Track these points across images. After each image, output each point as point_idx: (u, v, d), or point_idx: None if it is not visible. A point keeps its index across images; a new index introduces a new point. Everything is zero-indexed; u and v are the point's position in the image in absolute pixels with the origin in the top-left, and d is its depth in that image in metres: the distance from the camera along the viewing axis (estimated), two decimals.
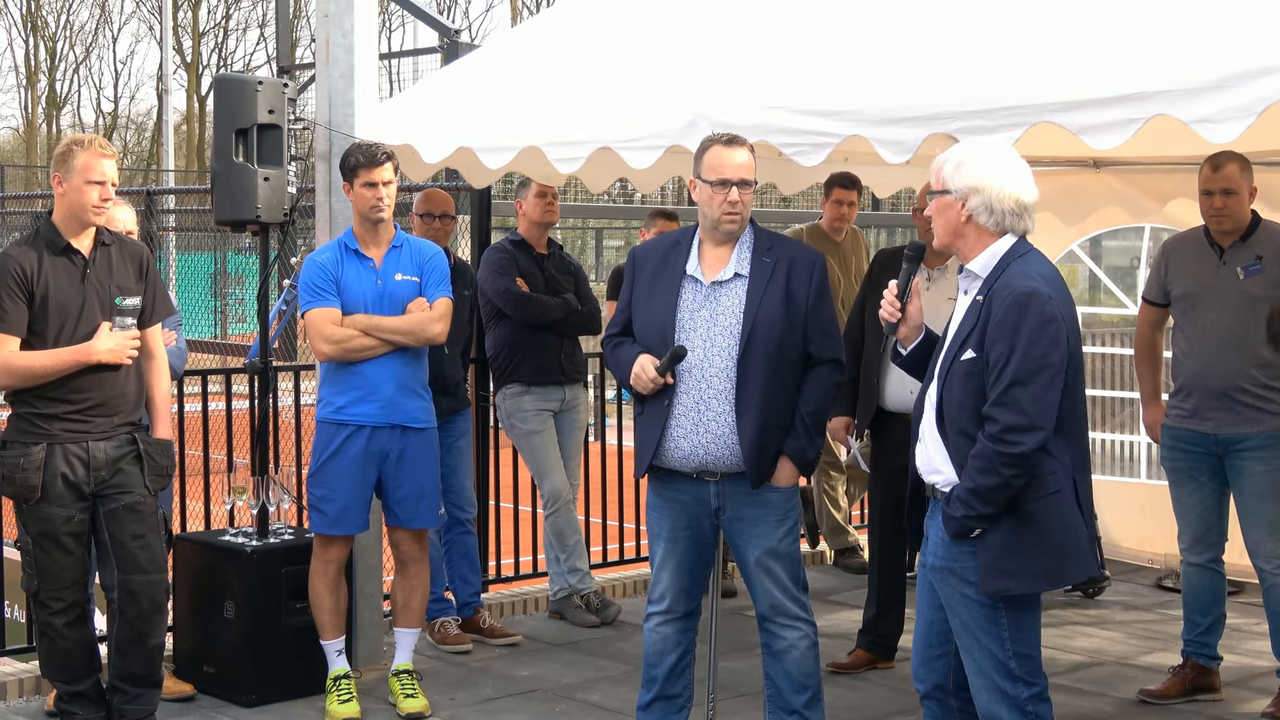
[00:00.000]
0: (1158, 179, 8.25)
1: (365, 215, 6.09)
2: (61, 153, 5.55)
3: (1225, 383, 6.10)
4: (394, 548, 6.30)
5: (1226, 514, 6.30)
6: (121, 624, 5.59)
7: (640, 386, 5.07)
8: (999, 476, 4.14)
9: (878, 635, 6.74)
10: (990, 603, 4.26)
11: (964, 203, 4.30)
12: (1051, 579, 4.28)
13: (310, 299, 6.06)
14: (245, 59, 45.19)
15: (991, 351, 4.18)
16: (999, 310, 4.19)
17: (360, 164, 6.05)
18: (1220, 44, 4.54)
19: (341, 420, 6.07)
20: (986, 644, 4.30)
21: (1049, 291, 4.18)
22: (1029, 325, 4.14)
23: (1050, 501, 4.20)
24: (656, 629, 5.27)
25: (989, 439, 4.15)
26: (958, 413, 4.27)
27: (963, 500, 4.21)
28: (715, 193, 5.06)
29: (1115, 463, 9.27)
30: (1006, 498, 4.17)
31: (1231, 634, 6.72)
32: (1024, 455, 4.13)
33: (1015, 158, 4.34)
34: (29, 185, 35.99)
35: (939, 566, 4.37)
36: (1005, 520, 4.20)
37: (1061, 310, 4.19)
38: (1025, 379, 4.13)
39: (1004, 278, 4.24)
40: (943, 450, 4.32)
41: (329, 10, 6.68)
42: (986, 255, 4.31)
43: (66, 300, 5.48)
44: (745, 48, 5.84)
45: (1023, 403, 4.12)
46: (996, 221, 4.29)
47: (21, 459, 5.46)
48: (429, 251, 6.23)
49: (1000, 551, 4.21)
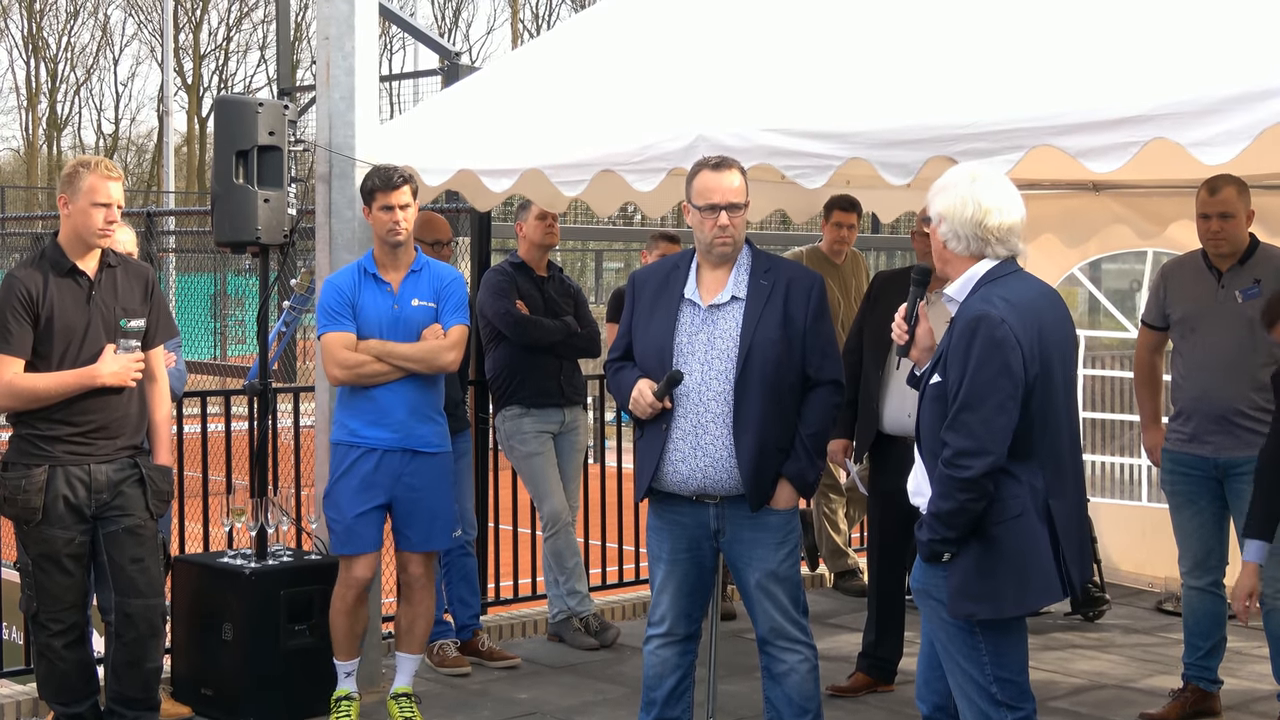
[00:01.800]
0: (1158, 202, 8.26)
1: (383, 239, 6.08)
2: (68, 174, 5.55)
3: (1224, 406, 6.11)
4: (401, 571, 6.28)
5: (1227, 538, 6.29)
6: (118, 647, 5.58)
7: (639, 411, 5.08)
8: (954, 501, 4.17)
9: (877, 658, 6.73)
10: (966, 626, 4.27)
11: (939, 230, 4.36)
12: (1017, 604, 4.26)
13: (326, 323, 6.06)
14: (246, 81, 45.34)
15: (948, 376, 4.22)
16: (954, 334, 4.24)
17: (377, 187, 6.05)
18: (1218, 68, 4.56)
19: (354, 442, 6.08)
20: (967, 668, 4.31)
21: (1001, 314, 4.16)
22: (976, 349, 4.16)
23: (1011, 526, 4.19)
24: (656, 652, 5.27)
25: (943, 463, 4.19)
26: (929, 436, 4.31)
27: (928, 524, 4.25)
28: (705, 217, 5.07)
29: (1116, 486, 9.27)
30: (965, 522, 4.18)
31: (1232, 658, 6.71)
32: (974, 480, 4.13)
33: (991, 182, 4.34)
34: (29, 206, 36.08)
35: (918, 589, 4.41)
36: (972, 544, 4.22)
37: (1017, 333, 4.16)
38: (974, 403, 4.14)
39: (966, 301, 4.28)
40: (925, 473, 4.35)
41: (330, 33, 6.70)
42: (962, 280, 4.35)
43: (71, 322, 5.47)
44: (746, 70, 5.86)
45: (971, 426, 4.14)
46: (965, 246, 4.33)
47: (23, 480, 5.46)
48: (448, 276, 6.20)
49: (967, 576, 4.22)
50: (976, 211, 4.28)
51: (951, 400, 4.19)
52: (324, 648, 6.29)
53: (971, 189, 4.31)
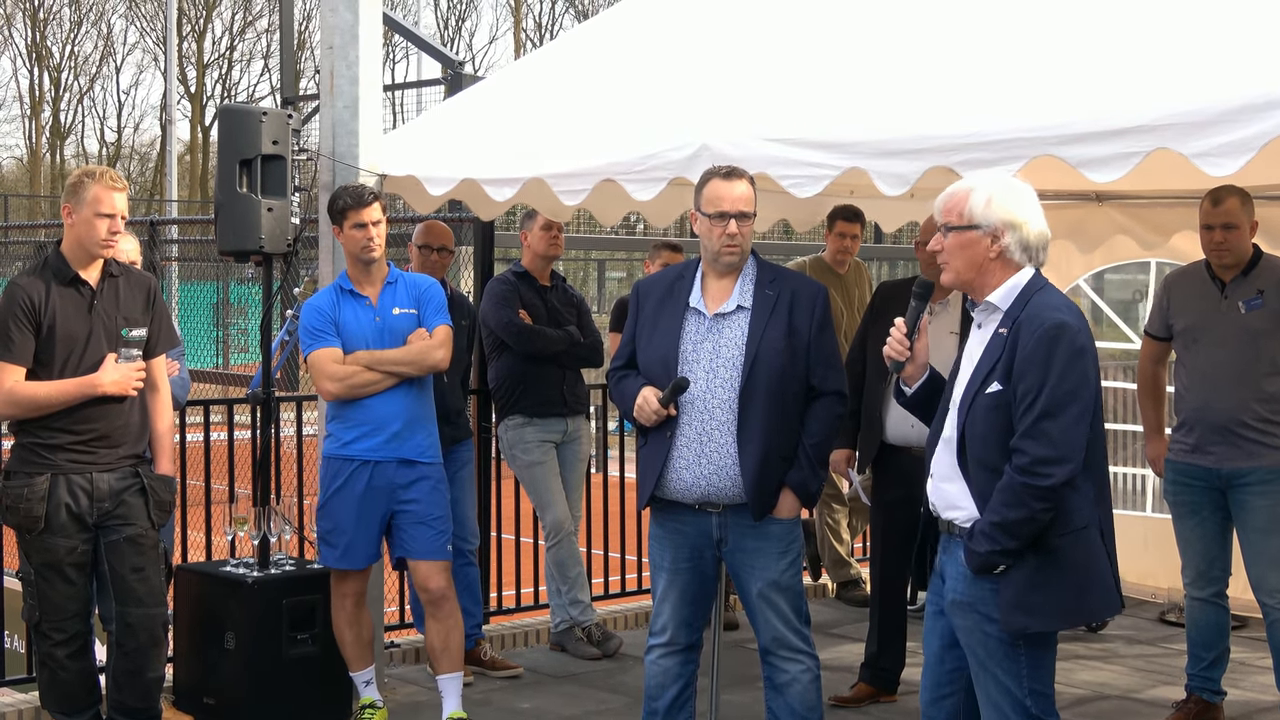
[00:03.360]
0: (1162, 213, 8.26)
1: (357, 256, 6.12)
2: (73, 184, 5.56)
3: (1227, 417, 6.10)
4: (421, 590, 6.22)
5: (1230, 548, 6.29)
6: (119, 656, 5.58)
7: (643, 418, 5.08)
8: (1026, 510, 4.09)
9: (880, 668, 6.72)
10: (1010, 640, 4.20)
11: (995, 238, 4.25)
12: (1074, 616, 4.25)
13: (310, 342, 6.09)
14: (249, 89, 45.39)
15: (1020, 384, 4.13)
16: (1029, 342, 4.14)
17: (349, 205, 6.08)
18: (1222, 79, 4.55)
19: (347, 456, 6.08)
20: (1005, 681, 4.23)
21: (1079, 324, 4.16)
22: (1060, 357, 4.10)
23: (1076, 537, 4.15)
24: (658, 661, 5.26)
25: (1018, 471, 4.09)
26: (981, 446, 4.20)
27: (987, 535, 4.13)
28: (714, 225, 5.07)
29: (1119, 496, 9.25)
30: (1032, 532, 4.11)
31: (1236, 669, 6.71)
32: (1053, 488, 4.08)
33: (1032, 191, 4.34)
34: (32, 215, 36.08)
35: (959, 602, 4.28)
36: (1029, 556, 4.14)
37: (1089, 343, 4.16)
38: (1055, 411, 4.08)
39: (1029, 309, 4.20)
40: (963, 486, 4.25)
41: (334, 42, 6.71)
42: (1007, 287, 4.26)
43: (73, 331, 5.48)
44: (749, 80, 5.86)
45: (1053, 435, 4.08)
46: (1030, 256, 4.27)
47: (25, 489, 5.46)
48: (424, 284, 6.26)
49: (1023, 588, 4.14)
50: (1043, 224, 4.28)
51: (1026, 408, 4.11)
52: (327, 657, 6.29)
53: (1033, 199, 4.27)
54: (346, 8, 6.68)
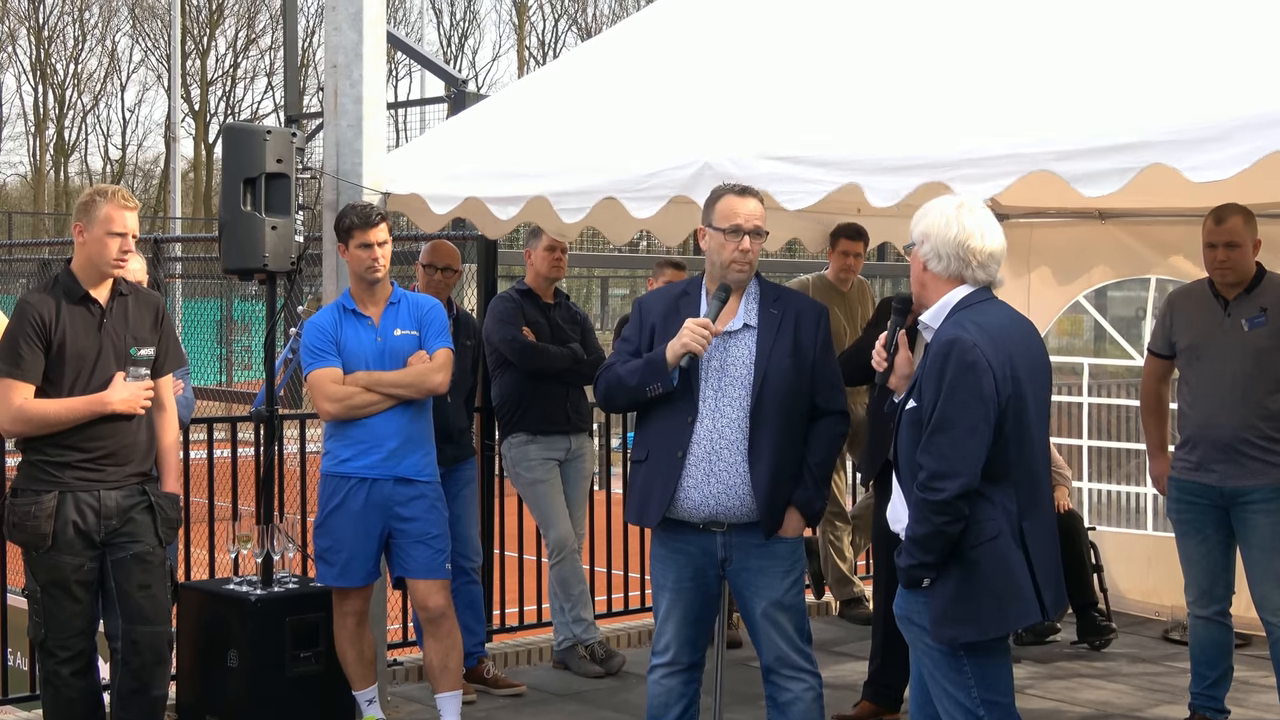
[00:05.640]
0: (1163, 230, 8.27)
1: (361, 276, 6.14)
2: (84, 202, 5.57)
3: (1231, 435, 6.10)
4: (420, 609, 6.23)
5: (1233, 567, 6.28)
6: (124, 674, 5.58)
7: (697, 344, 4.97)
8: (929, 525, 4.19)
9: (882, 686, 6.71)
10: (950, 650, 4.28)
11: (920, 250, 4.38)
12: (997, 626, 4.27)
13: (311, 361, 6.10)
14: (253, 107, 45.50)
15: (922, 400, 4.24)
16: (927, 359, 4.26)
17: (355, 225, 6.09)
18: (1216, 95, 4.56)
19: (344, 474, 6.09)
20: (954, 693, 4.31)
21: (973, 339, 4.19)
22: (949, 372, 4.18)
23: (988, 548, 4.21)
24: (661, 681, 5.25)
25: (918, 487, 4.21)
26: (904, 461, 4.33)
27: (906, 549, 4.27)
28: (728, 240, 5.07)
29: (1122, 514, 9.26)
30: (942, 545, 4.20)
31: (1239, 687, 6.69)
32: (947, 502, 4.15)
33: (975, 209, 4.37)
34: (36, 232, 36.13)
35: (900, 616, 4.42)
36: (952, 568, 4.23)
37: (989, 357, 4.18)
38: (946, 426, 4.17)
39: (940, 327, 4.30)
40: (904, 500, 4.36)
41: (337, 61, 6.73)
42: (937, 306, 4.37)
43: (82, 349, 5.49)
44: (748, 99, 5.88)
45: (944, 449, 4.17)
46: (945, 266, 4.34)
47: (33, 507, 5.46)
48: (426, 305, 6.27)
49: (949, 599, 4.24)
50: (960, 232, 4.32)
51: (925, 424, 4.21)
52: (329, 675, 6.28)
53: (957, 213, 4.35)
54: (350, 27, 6.70)
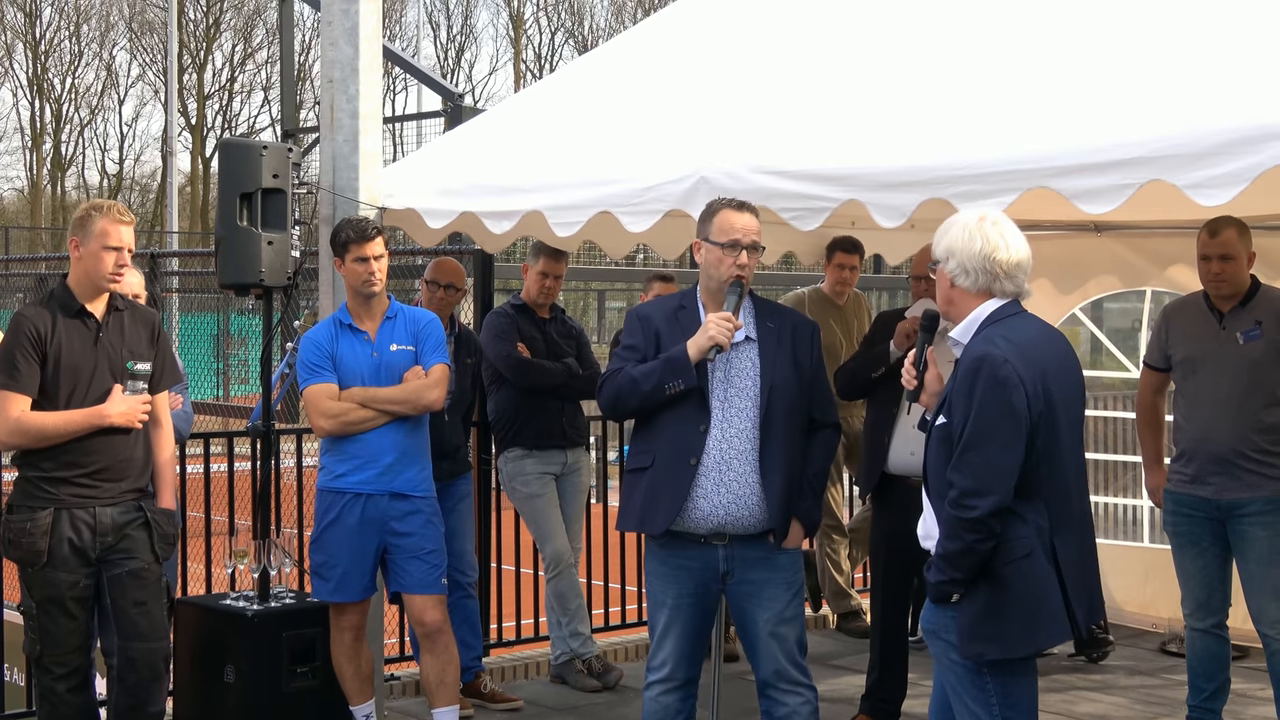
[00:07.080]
0: (1159, 243, 8.28)
1: (358, 290, 6.14)
2: (80, 217, 5.58)
3: (1226, 448, 6.10)
4: (417, 624, 6.24)
5: (1230, 579, 6.28)
6: (120, 691, 5.57)
7: (724, 336, 4.99)
8: (961, 541, 4.17)
9: (880, 699, 6.71)
10: (974, 667, 4.27)
11: (946, 267, 4.37)
12: (1027, 644, 4.26)
13: (307, 376, 6.11)
14: (250, 121, 45.51)
15: (953, 417, 4.23)
16: (958, 374, 4.25)
17: (351, 239, 6.10)
18: (1215, 111, 4.57)
19: (340, 489, 6.09)
20: (975, 709, 4.30)
21: (1004, 354, 4.18)
22: (980, 389, 4.17)
23: (1019, 566, 4.19)
24: (658, 699, 5.24)
25: (949, 504, 4.19)
26: (935, 478, 4.31)
27: (936, 565, 4.25)
28: (725, 254, 5.08)
29: (1118, 526, 9.26)
30: (973, 563, 4.18)
31: (1236, 699, 6.69)
32: (979, 520, 4.14)
33: (998, 220, 4.38)
34: (33, 247, 36.14)
35: (928, 630, 4.40)
36: (982, 585, 4.22)
37: (1020, 373, 4.18)
38: (977, 443, 4.16)
39: (971, 342, 4.29)
40: (934, 516, 4.34)
41: (334, 76, 6.73)
42: (967, 321, 4.36)
43: (78, 363, 5.49)
44: (744, 113, 5.89)
45: (975, 466, 4.15)
46: (973, 281, 4.33)
47: (28, 523, 5.45)
48: (423, 320, 6.26)
49: (977, 616, 4.22)
50: (985, 245, 4.31)
51: (956, 441, 4.19)
52: (327, 690, 6.27)
53: (980, 226, 4.34)
54: (346, 42, 6.71)
